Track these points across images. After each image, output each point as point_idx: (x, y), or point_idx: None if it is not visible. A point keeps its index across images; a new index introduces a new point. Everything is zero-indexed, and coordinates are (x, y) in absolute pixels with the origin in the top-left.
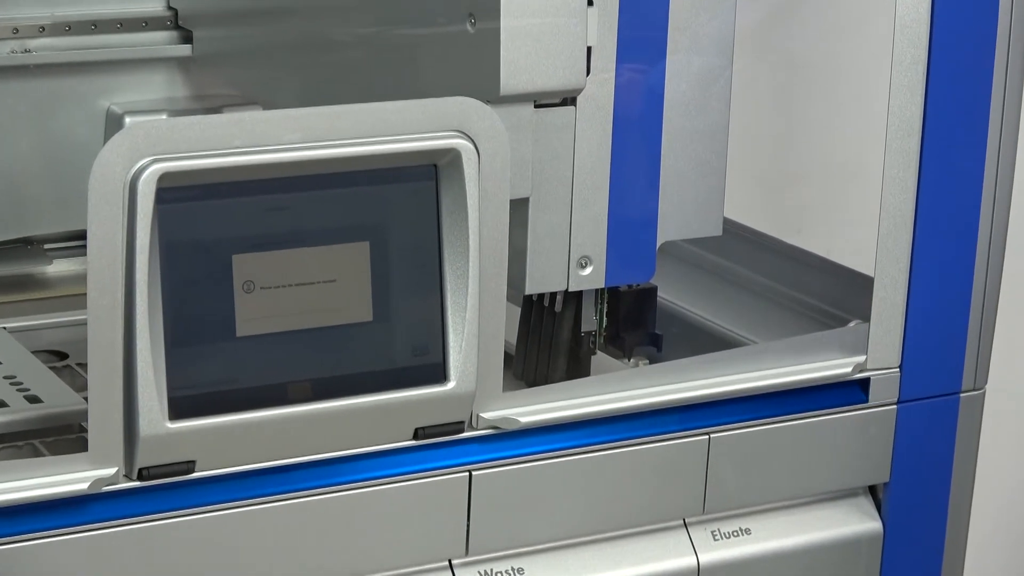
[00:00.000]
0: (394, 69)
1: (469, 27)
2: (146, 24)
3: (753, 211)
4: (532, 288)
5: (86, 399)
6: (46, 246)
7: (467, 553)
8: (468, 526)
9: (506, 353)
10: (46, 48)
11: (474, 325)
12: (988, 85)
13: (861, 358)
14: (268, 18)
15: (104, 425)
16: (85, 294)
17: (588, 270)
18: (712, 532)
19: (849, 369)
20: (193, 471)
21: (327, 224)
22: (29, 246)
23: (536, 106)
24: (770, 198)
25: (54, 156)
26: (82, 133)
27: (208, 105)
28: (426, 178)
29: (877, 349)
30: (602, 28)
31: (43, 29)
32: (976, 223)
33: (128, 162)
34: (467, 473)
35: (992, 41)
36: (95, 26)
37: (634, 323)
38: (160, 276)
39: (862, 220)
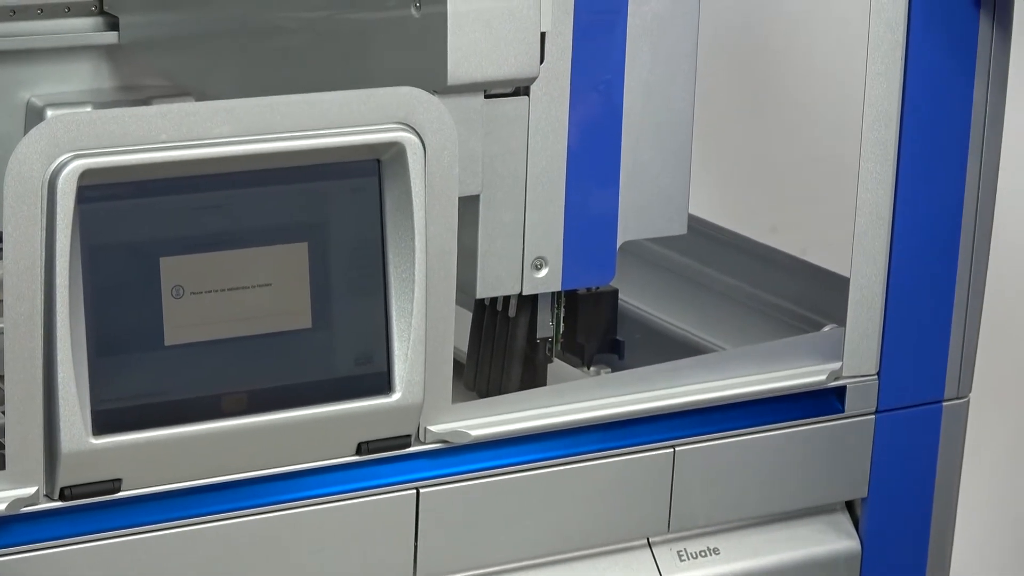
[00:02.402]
0: (334, 57)
1: (414, 11)
2: (69, 9)
3: (722, 208)
4: (484, 292)
5: (3, 413)
6: None
7: None
8: (416, 547)
9: (456, 361)
10: None
11: (421, 332)
12: (971, 72)
13: (836, 365)
14: (201, 2)
15: (23, 441)
16: (1, 301)
17: (543, 272)
18: (678, 552)
19: (824, 377)
20: (119, 490)
21: (262, 224)
22: None
23: (486, 96)
24: (741, 193)
25: None
26: (0, 127)
27: (136, 96)
28: (368, 174)
29: (853, 355)
30: (557, 12)
31: None
32: (959, 219)
33: (47, 158)
34: (414, 491)
35: (974, 24)
36: (14, 12)
37: (593, 329)
38: (82, 281)
39: (841, 217)
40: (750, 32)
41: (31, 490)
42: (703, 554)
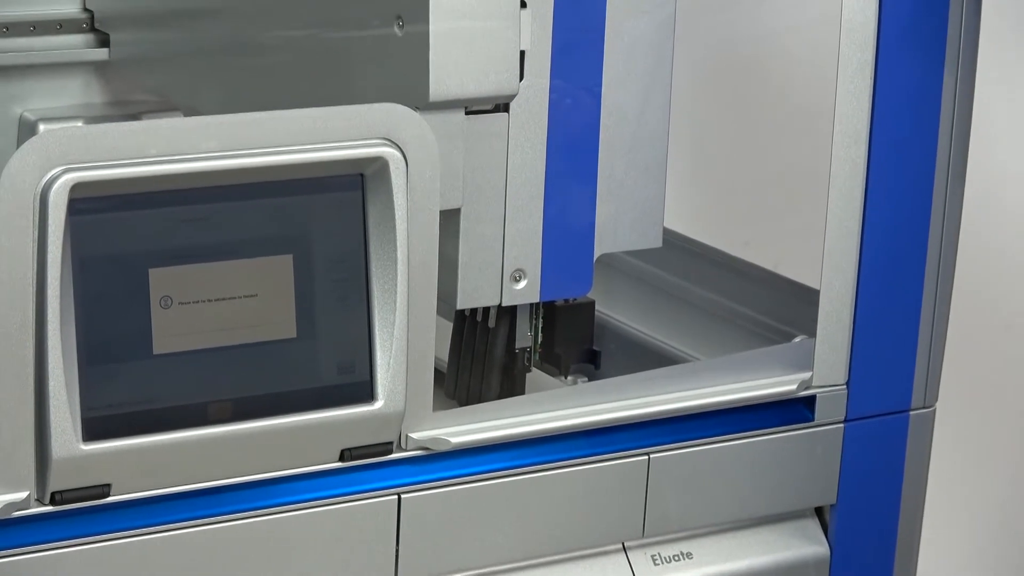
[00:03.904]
0: (320, 74)
1: (397, 30)
2: (61, 27)
3: (697, 222)
4: (464, 303)
5: None
6: None
7: None
8: (397, 552)
9: (437, 370)
10: None
11: (403, 342)
12: (938, 90)
13: (807, 375)
14: (190, 20)
15: (15, 447)
16: None
17: (522, 284)
18: (652, 556)
19: (794, 386)
20: (108, 495)
21: (248, 236)
22: None
23: (467, 113)
24: (715, 208)
25: None
26: None
27: (126, 112)
28: (352, 188)
29: (823, 365)
30: (536, 31)
31: None
32: (926, 234)
33: (39, 171)
34: (396, 496)
35: (942, 45)
36: (7, 28)
37: (571, 339)
38: (73, 292)
39: (812, 231)
40: (725, 49)
41: (22, 494)
42: (676, 558)
